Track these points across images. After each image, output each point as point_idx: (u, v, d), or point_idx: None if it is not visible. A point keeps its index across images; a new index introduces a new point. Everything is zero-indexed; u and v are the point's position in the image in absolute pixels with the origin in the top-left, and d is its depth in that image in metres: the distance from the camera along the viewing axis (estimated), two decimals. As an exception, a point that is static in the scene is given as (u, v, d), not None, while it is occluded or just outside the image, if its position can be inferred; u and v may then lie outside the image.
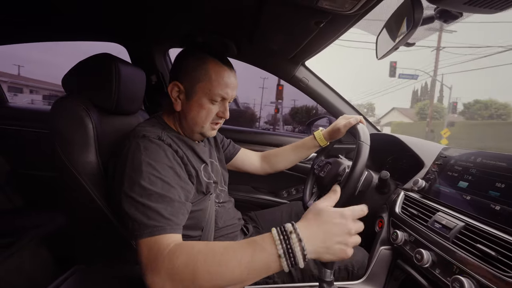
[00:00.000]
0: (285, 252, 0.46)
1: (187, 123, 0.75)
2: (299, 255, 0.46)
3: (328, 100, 1.38)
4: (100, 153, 0.77)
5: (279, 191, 1.55)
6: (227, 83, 0.72)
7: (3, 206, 1.43)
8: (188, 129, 0.77)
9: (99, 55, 0.82)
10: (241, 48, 1.23)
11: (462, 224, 0.62)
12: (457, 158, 0.79)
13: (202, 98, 0.72)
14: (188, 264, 0.48)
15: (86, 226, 0.85)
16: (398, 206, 0.84)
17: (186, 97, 0.73)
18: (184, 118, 0.75)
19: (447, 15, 0.56)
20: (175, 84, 0.72)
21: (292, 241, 0.47)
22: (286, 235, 0.47)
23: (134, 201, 0.57)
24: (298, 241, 0.46)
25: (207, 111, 0.73)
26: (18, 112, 1.57)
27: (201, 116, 0.73)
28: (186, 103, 0.73)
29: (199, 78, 0.70)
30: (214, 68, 0.71)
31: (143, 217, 0.55)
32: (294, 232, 0.47)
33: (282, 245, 0.46)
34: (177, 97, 0.74)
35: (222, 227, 0.86)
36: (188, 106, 0.73)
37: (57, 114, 0.76)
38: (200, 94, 0.71)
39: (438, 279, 0.61)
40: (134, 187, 0.58)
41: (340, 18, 0.80)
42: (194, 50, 0.74)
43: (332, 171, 0.97)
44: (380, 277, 0.81)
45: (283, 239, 0.47)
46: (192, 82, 0.71)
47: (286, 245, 0.46)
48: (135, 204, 0.56)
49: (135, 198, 0.57)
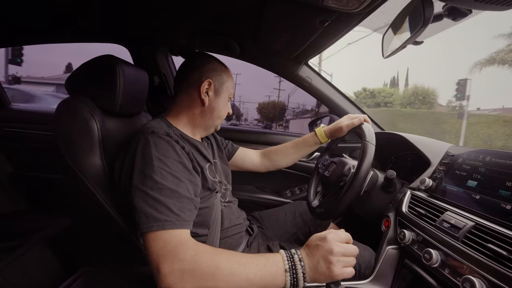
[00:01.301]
0: (290, 267, 0.56)
1: (211, 116, 0.84)
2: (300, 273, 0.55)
3: (332, 99, 1.37)
4: (105, 154, 0.77)
5: (283, 190, 1.55)
6: (233, 86, 0.89)
7: (7, 209, 1.43)
8: (209, 123, 0.85)
9: (102, 56, 0.82)
10: (244, 47, 1.22)
11: (472, 223, 0.61)
12: (465, 157, 0.79)
13: (226, 96, 0.86)
14: (212, 259, 0.53)
15: (92, 228, 0.85)
16: (405, 206, 0.83)
17: (215, 94, 0.83)
18: (210, 112, 0.83)
19: (456, 12, 0.55)
20: (209, 81, 0.80)
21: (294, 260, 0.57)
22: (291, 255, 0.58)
23: (145, 194, 0.58)
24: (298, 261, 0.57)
25: (227, 107, 0.88)
26: (20, 114, 1.57)
27: (224, 111, 0.87)
28: (215, 99, 0.83)
29: (225, 79, 0.84)
30: (228, 73, 0.87)
31: (152, 210, 0.56)
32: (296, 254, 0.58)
33: (288, 261, 0.56)
34: (206, 93, 0.81)
35: (228, 227, 0.85)
36: (216, 102, 0.83)
37: (62, 116, 0.76)
38: (226, 93, 0.85)
39: (447, 279, 0.60)
40: (145, 181, 0.59)
41: (345, 17, 0.80)
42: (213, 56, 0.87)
43: (337, 170, 0.96)
44: (387, 276, 0.81)
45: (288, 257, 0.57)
46: (221, 81, 0.83)
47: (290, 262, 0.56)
48: (145, 197, 0.57)
49: (146, 191, 0.58)
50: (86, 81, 0.83)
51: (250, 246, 0.92)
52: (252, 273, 0.52)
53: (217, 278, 0.51)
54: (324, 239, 0.58)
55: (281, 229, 1.10)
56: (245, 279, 0.52)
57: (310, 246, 0.59)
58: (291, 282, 0.54)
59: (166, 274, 0.50)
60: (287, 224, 1.11)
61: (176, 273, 0.50)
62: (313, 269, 0.56)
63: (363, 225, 1.09)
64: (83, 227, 0.88)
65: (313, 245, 0.59)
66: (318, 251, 0.57)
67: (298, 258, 0.56)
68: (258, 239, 0.98)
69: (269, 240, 0.98)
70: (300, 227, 1.11)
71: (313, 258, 0.57)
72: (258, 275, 0.53)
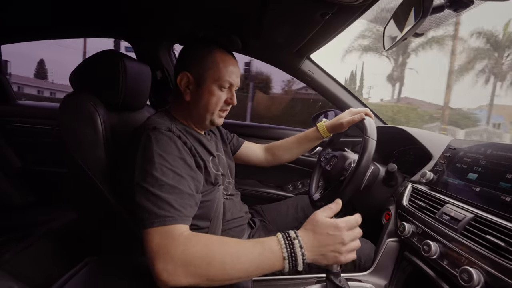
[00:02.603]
0: (289, 255, 0.52)
1: (197, 111, 0.77)
2: (299, 259, 0.52)
3: (334, 93, 1.37)
4: (109, 148, 0.78)
5: (285, 185, 1.56)
6: (233, 70, 0.76)
7: (16, 202, 1.47)
8: (199, 118, 0.79)
9: (105, 51, 0.83)
10: (246, 41, 1.22)
11: (471, 215, 0.62)
12: (467, 150, 0.78)
13: (211, 85, 0.75)
14: (205, 252, 0.52)
15: (97, 220, 0.87)
16: (405, 199, 0.84)
17: (196, 86, 0.75)
18: (195, 107, 0.77)
19: (458, 3, 0.55)
20: (184, 74, 0.75)
21: (294, 246, 0.53)
22: (290, 240, 0.54)
23: (146, 191, 0.58)
24: (299, 248, 0.53)
25: (217, 97, 0.76)
26: (27, 110, 1.59)
27: (212, 103, 0.76)
28: (196, 92, 0.76)
29: (208, 66, 0.74)
30: (221, 56, 0.75)
31: (154, 207, 0.56)
32: (297, 238, 0.54)
33: (287, 249, 0.53)
34: (186, 87, 0.76)
35: (230, 220, 0.87)
36: (198, 94, 0.75)
37: (66, 111, 0.77)
38: (210, 81, 0.74)
39: (446, 270, 0.61)
40: (146, 178, 0.59)
41: (346, 9, 0.79)
42: (200, 41, 0.77)
43: (338, 165, 0.96)
44: (387, 268, 0.82)
45: (287, 244, 0.53)
46: (201, 70, 0.74)
47: (290, 249, 0.53)
48: (147, 194, 0.58)
49: (147, 188, 0.58)
50: (89, 76, 0.84)
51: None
52: (247, 263, 0.52)
53: (210, 272, 0.50)
54: (337, 228, 0.55)
55: (283, 222, 1.11)
56: (240, 269, 0.51)
57: (317, 233, 0.55)
58: (289, 267, 0.52)
59: (160, 271, 0.50)
60: (289, 218, 1.12)
61: (169, 271, 0.50)
62: (316, 253, 0.54)
63: (363, 219, 1.10)
64: (88, 219, 0.90)
65: (323, 232, 0.55)
66: (328, 239, 0.54)
67: (299, 245, 0.53)
68: (259, 232, 0.99)
69: (271, 234, 0.99)
70: (302, 221, 1.11)
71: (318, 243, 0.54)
72: (254, 264, 0.52)
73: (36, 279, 0.92)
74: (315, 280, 0.81)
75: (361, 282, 0.80)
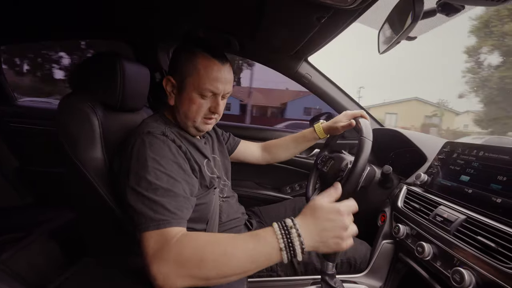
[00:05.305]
0: (286, 245, 0.49)
1: (180, 117, 0.77)
2: (298, 248, 0.49)
3: (331, 96, 1.38)
4: (106, 149, 0.79)
5: (283, 187, 1.56)
6: (216, 77, 0.70)
7: (13, 202, 1.47)
8: (182, 123, 0.77)
9: (103, 52, 0.84)
10: (244, 44, 1.23)
11: (463, 217, 0.62)
12: (460, 152, 0.79)
13: (191, 92, 0.71)
14: (196, 253, 0.51)
15: (94, 220, 0.87)
16: (400, 201, 0.84)
17: (178, 92, 0.74)
18: (177, 112, 0.77)
19: (449, 8, 0.56)
20: (168, 78, 0.75)
21: (292, 236, 0.50)
22: (287, 230, 0.51)
23: (140, 195, 0.58)
24: (297, 236, 0.50)
25: (197, 106, 0.72)
26: (26, 111, 1.60)
27: (192, 111, 0.73)
28: (178, 98, 0.75)
29: (188, 73, 0.70)
30: (203, 62, 0.70)
31: (149, 210, 0.56)
32: (294, 227, 0.51)
33: (283, 239, 0.50)
34: (171, 91, 0.76)
35: (226, 222, 0.87)
36: (179, 101, 0.74)
37: (64, 111, 0.78)
38: (190, 89, 0.71)
39: (439, 271, 0.62)
40: (140, 182, 0.59)
41: (342, 13, 0.80)
42: (186, 44, 0.74)
43: (334, 166, 0.97)
44: (382, 270, 0.82)
45: (284, 234, 0.50)
46: (182, 76, 0.72)
47: (287, 239, 0.50)
48: (141, 198, 0.58)
49: (141, 193, 0.58)
50: (87, 77, 0.84)
51: None
52: (242, 259, 0.50)
53: (204, 272, 0.50)
54: (339, 213, 0.52)
55: None
56: (235, 266, 0.50)
57: (318, 218, 0.52)
58: (288, 257, 0.50)
59: (156, 275, 0.50)
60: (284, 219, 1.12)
61: (164, 274, 0.50)
62: (317, 241, 0.51)
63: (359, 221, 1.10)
64: (85, 219, 0.90)
65: (324, 217, 0.52)
66: (330, 224, 0.52)
67: (297, 233, 0.50)
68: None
69: None
70: None
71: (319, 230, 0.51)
72: (249, 259, 0.50)
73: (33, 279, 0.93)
74: (310, 281, 0.81)
75: (356, 283, 0.81)
